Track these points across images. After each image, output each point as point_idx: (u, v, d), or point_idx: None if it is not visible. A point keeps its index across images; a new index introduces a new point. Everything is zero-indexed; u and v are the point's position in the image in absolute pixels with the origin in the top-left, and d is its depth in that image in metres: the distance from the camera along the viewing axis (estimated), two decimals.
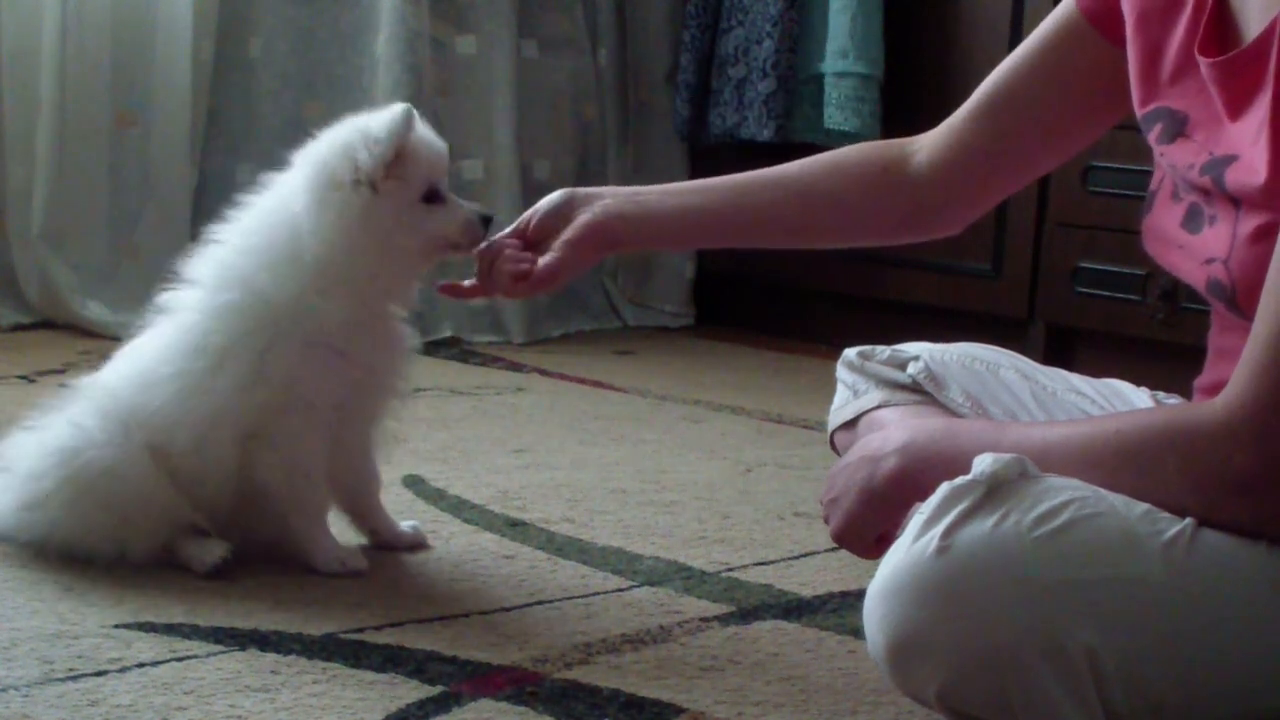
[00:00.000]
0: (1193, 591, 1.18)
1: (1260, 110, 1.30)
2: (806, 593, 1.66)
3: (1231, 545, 1.20)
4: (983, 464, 1.22)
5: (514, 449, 2.34)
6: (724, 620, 1.56)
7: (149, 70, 3.38)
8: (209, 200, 3.42)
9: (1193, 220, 1.37)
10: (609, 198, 1.56)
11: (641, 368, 3.14)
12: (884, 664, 1.23)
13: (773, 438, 2.56)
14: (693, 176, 3.98)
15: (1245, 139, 1.32)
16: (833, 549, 1.83)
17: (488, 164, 3.66)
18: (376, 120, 1.61)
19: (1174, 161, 1.39)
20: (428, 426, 2.38)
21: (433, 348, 3.19)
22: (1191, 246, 1.36)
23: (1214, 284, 1.32)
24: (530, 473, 2.20)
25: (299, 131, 3.74)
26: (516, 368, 3.13)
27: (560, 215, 1.55)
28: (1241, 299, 1.29)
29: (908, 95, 3.32)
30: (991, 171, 1.59)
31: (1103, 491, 1.23)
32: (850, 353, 1.71)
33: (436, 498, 2.01)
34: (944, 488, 1.22)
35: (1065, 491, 1.21)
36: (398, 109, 1.61)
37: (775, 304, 3.74)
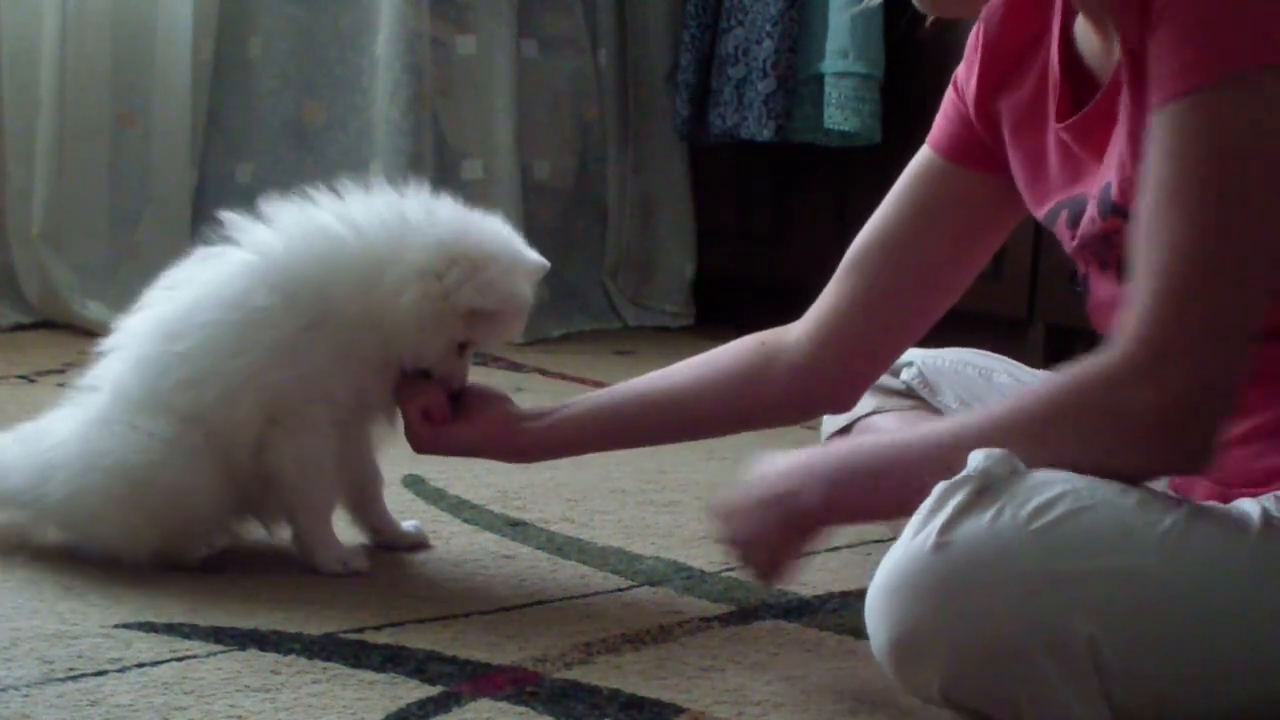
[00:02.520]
0: (1187, 582, 1.19)
1: (1119, 133, 1.33)
2: (806, 593, 1.66)
3: (1221, 536, 1.21)
4: (975, 460, 1.23)
5: None
6: (724, 620, 1.56)
7: (149, 70, 3.38)
8: (209, 200, 3.43)
9: (1121, 265, 1.38)
10: (516, 413, 1.68)
11: (641, 368, 3.12)
12: (887, 662, 1.23)
13: (773, 438, 2.55)
14: (693, 176, 3.99)
15: (1110, 164, 1.36)
16: (833, 549, 1.83)
17: (488, 164, 3.67)
18: (512, 279, 1.64)
19: (1086, 237, 1.41)
20: None
21: None
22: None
23: None
24: (530, 473, 2.19)
25: (299, 132, 3.78)
26: (516, 368, 3.13)
27: (485, 395, 1.69)
28: None
29: (908, 95, 3.32)
30: (871, 324, 1.61)
31: (1096, 483, 1.23)
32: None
33: (436, 498, 2.01)
34: (939, 486, 1.22)
35: (1058, 485, 1.22)
36: (527, 296, 1.66)
37: (775, 304, 3.73)
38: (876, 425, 1.74)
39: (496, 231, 1.67)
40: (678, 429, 1.73)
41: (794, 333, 1.65)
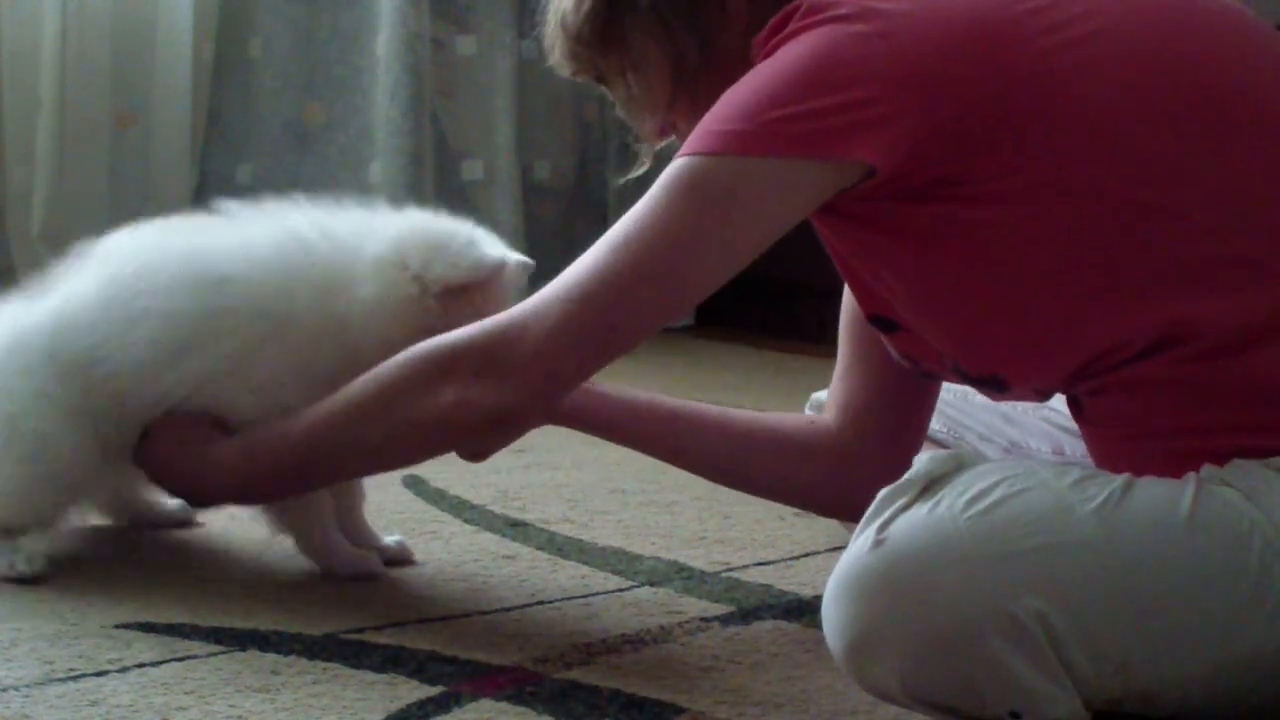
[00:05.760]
0: (1128, 548, 1.19)
1: None
2: (807, 593, 1.66)
3: (1156, 502, 1.21)
4: (919, 462, 1.24)
5: (514, 449, 2.32)
6: (724, 620, 1.56)
7: (149, 70, 3.38)
8: (209, 200, 3.42)
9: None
10: None
11: (641, 368, 3.13)
12: (847, 668, 1.24)
13: None
14: None
15: None
16: (833, 549, 1.83)
17: (488, 164, 3.67)
18: (478, 248, 1.59)
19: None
20: None
21: None
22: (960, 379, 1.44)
23: (977, 380, 1.40)
24: (530, 473, 2.20)
25: (299, 132, 3.78)
26: None
27: None
28: (969, 367, 1.38)
29: None
30: (891, 407, 1.62)
31: (1033, 467, 1.25)
32: (819, 395, 1.73)
33: (436, 498, 2.01)
34: (882, 491, 1.23)
35: (996, 473, 1.23)
36: (504, 258, 1.58)
37: (775, 304, 3.74)
38: None
39: (454, 220, 1.63)
40: (712, 464, 1.67)
41: (828, 421, 1.65)
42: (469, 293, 1.57)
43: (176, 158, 3.40)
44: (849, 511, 1.65)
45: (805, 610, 1.60)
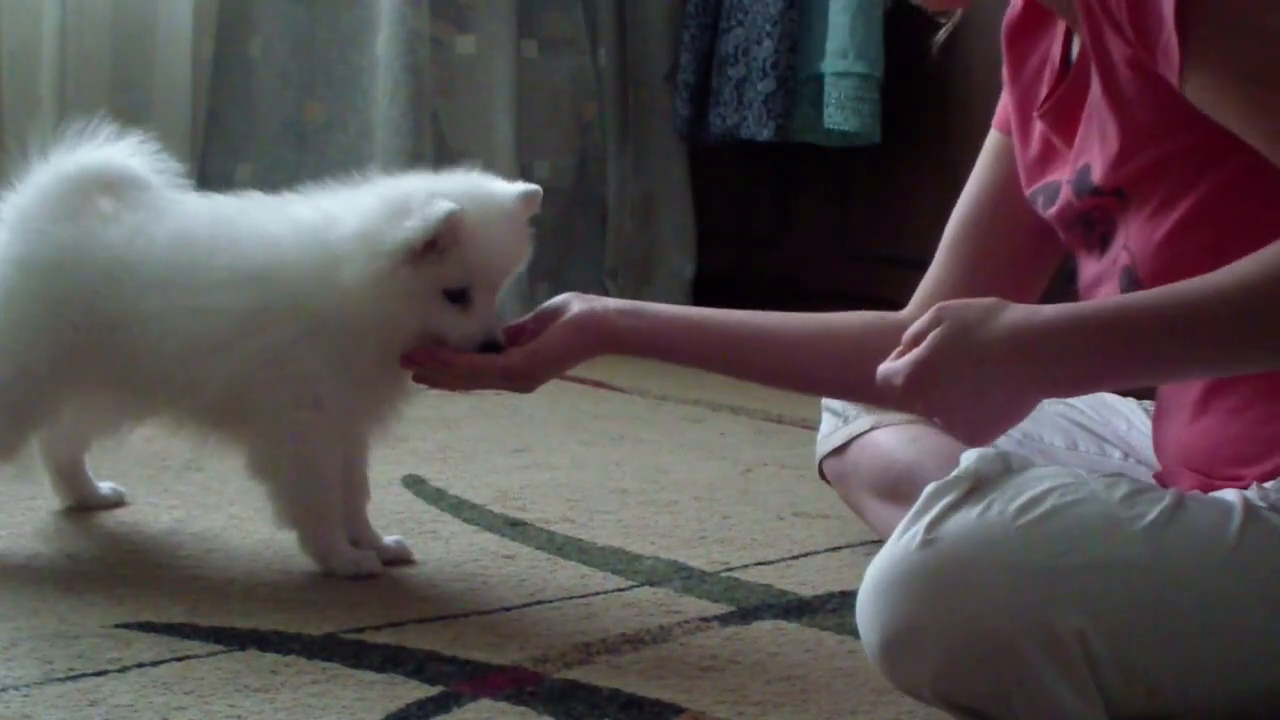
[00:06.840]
0: (1172, 572, 1.19)
1: (1091, 116, 1.34)
2: (806, 593, 1.66)
3: (1204, 526, 1.21)
4: (967, 460, 1.23)
5: (514, 449, 2.35)
6: (724, 620, 1.56)
7: (149, 70, 3.38)
8: None
9: (1103, 243, 1.40)
10: (610, 301, 1.59)
11: (641, 368, 3.13)
12: (879, 661, 1.24)
13: (773, 438, 2.56)
14: (693, 176, 3.99)
15: (1086, 147, 1.37)
16: (833, 549, 1.83)
17: (488, 164, 3.62)
18: (428, 207, 1.52)
19: (1064, 219, 1.43)
20: (428, 426, 2.38)
21: None
22: (1106, 266, 1.39)
23: (1125, 275, 1.35)
24: (530, 473, 2.20)
25: (299, 132, 3.77)
26: None
27: (559, 310, 1.58)
28: (1143, 274, 1.32)
29: (908, 95, 3.32)
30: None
31: (1085, 477, 1.24)
32: None
33: (436, 498, 2.01)
34: (929, 486, 1.23)
35: (1047, 480, 1.22)
36: (442, 211, 1.51)
37: (775, 304, 3.73)
38: (877, 442, 1.75)
39: (420, 178, 1.61)
40: (778, 374, 1.66)
41: (905, 316, 1.62)
42: (437, 248, 1.53)
43: (176, 158, 3.40)
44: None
45: (805, 610, 1.60)
